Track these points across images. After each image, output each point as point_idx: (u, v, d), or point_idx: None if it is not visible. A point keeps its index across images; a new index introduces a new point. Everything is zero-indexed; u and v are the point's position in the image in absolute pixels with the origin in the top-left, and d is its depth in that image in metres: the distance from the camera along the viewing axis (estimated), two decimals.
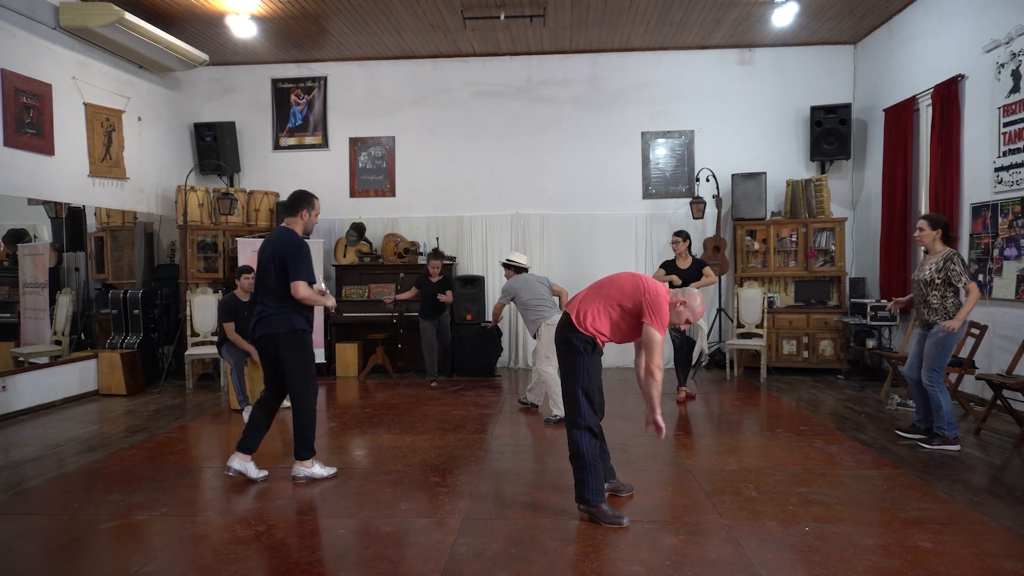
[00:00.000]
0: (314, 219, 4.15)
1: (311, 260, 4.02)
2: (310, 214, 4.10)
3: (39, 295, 6.39)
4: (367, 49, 8.33)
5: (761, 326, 7.56)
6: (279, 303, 3.92)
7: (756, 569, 2.84)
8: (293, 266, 3.86)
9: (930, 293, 4.58)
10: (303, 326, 4.00)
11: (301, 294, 3.88)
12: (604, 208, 8.48)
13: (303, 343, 4.01)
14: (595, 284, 3.60)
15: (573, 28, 7.72)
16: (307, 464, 4.07)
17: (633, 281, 3.43)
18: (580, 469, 3.39)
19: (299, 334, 3.98)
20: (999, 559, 2.90)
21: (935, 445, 4.54)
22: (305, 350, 4.03)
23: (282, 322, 3.92)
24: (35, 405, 6.10)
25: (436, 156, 8.71)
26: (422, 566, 2.91)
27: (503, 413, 5.91)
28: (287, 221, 4.10)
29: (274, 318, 3.92)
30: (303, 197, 4.11)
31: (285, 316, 3.92)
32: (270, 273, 3.91)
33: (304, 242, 4.01)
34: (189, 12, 7.02)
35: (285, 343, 3.94)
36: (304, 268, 3.91)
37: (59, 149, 6.35)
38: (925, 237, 4.67)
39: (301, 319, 3.99)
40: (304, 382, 4.03)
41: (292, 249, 3.88)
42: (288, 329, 3.93)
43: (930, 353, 4.58)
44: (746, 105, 8.38)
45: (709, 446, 4.79)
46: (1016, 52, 5.42)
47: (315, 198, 4.16)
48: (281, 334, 3.92)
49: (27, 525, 3.47)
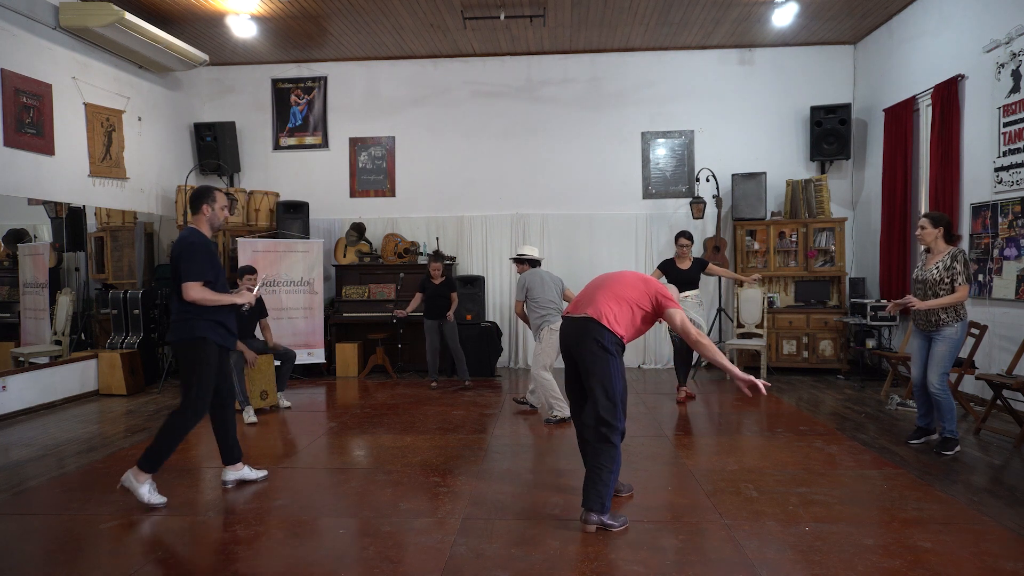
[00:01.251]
0: (220, 212, 3.85)
1: (209, 258, 3.73)
2: (213, 208, 3.82)
3: (39, 295, 6.39)
4: (367, 49, 8.33)
5: (761, 326, 7.56)
6: (181, 309, 3.69)
7: (756, 569, 2.84)
8: (184, 267, 3.63)
9: (940, 293, 4.48)
10: (201, 333, 3.68)
11: (192, 296, 3.62)
12: (604, 208, 8.48)
13: (199, 351, 3.67)
14: (600, 284, 3.51)
15: (573, 28, 7.72)
16: (141, 478, 3.63)
17: (643, 282, 3.46)
18: (609, 474, 3.22)
19: (197, 343, 3.67)
20: (999, 559, 2.90)
21: (953, 450, 4.46)
22: (200, 360, 3.67)
23: (184, 330, 3.67)
24: (35, 405, 6.10)
25: (436, 156, 8.71)
26: (422, 566, 2.91)
27: (503, 413, 5.91)
28: (191, 220, 3.86)
29: (176, 325, 3.70)
30: (201, 192, 3.83)
31: (184, 323, 3.68)
32: (174, 278, 3.70)
33: (199, 240, 3.73)
34: (189, 12, 7.02)
35: (182, 352, 3.69)
36: (197, 267, 3.64)
37: (59, 149, 6.35)
38: (927, 236, 4.59)
39: (201, 325, 3.68)
40: (193, 395, 3.66)
41: (184, 249, 3.65)
42: (184, 337, 3.67)
43: (942, 357, 4.49)
44: (746, 105, 8.38)
45: (709, 446, 4.79)
46: (1016, 52, 5.42)
47: (216, 190, 3.87)
48: (178, 342, 3.69)
49: (27, 525, 3.47)
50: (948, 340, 4.48)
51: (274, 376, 6.08)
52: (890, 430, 5.12)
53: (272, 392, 6.07)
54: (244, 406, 5.68)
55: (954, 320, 4.47)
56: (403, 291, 7.94)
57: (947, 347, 4.48)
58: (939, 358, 4.51)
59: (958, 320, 4.47)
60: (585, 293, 3.54)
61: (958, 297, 4.40)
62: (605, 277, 3.60)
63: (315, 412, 6.13)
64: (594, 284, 3.57)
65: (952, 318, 4.47)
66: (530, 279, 5.65)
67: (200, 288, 3.65)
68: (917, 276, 4.68)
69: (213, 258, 3.77)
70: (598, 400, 3.27)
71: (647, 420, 5.48)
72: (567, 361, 3.52)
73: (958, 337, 4.48)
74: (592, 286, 3.56)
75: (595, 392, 3.28)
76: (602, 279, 3.58)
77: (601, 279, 3.59)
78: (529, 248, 6.03)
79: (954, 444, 4.48)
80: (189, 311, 3.68)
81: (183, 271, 3.64)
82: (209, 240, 3.82)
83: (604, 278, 3.58)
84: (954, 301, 4.41)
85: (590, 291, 3.51)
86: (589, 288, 3.56)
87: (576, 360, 3.40)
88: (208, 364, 3.70)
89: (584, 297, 3.50)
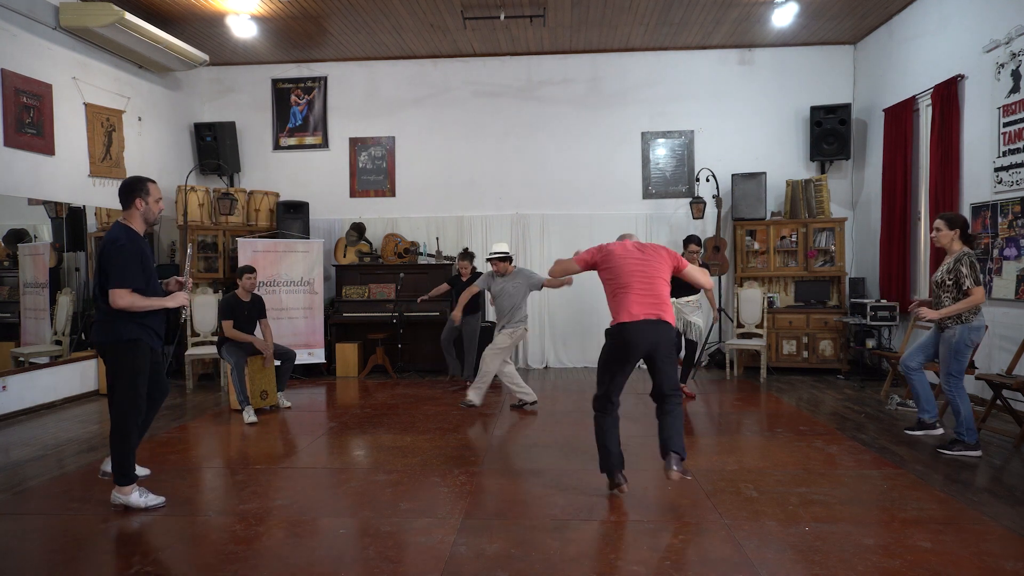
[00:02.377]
0: (155, 205, 3.61)
1: (139, 261, 3.50)
2: (146, 201, 3.57)
3: (39, 295, 6.39)
4: (367, 49, 8.33)
5: (761, 326, 7.56)
6: (105, 309, 3.49)
7: (756, 569, 2.84)
8: (111, 268, 3.41)
9: (943, 295, 4.44)
10: (132, 335, 3.51)
11: (120, 304, 3.40)
12: (604, 208, 8.48)
13: (129, 354, 3.52)
14: (653, 276, 3.68)
15: (573, 28, 7.72)
16: (124, 491, 3.57)
17: (667, 253, 3.81)
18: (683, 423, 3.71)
19: (124, 345, 3.51)
20: (999, 559, 2.90)
21: (956, 451, 4.39)
22: (131, 363, 3.52)
23: (107, 331, 3.50)
24: (35, 405, 6.10)
25: (436, 156, 8.71)
26: (422, 566, 2.91)
27: (503, 413, 5.91)
28: (123, 216, 3.60)
29: (101, 325, 3.53)
30: (133, 184, 3.57)
31: (111, 324, 3.49)
32: (98, 277, 3.51)
33: (127, 240, 3.49)
34: (189, 12, 7.02)
35: (108, 354, 3.53)
36: (126, 272, 3.42)
37: (59, 149, 6.35)
38: (943, 237, 4.48)
39: (131, 327, 3.51)
40: (123, 398, 3.53)
41: (110, 251, 3.43)
42: (113, 339, 3.50)
43: (947, 358, 4.45)
44: (746, 105, 8.38)
45: (709, 446, 4.79)
46: (1016, 52, 5.42)
47: (148, 181, 3.61)
48: (106, 344, 3.51)
49: (27, 525, 3.47)
50: (947, 342, 4.44)
51: (274, 376, 6.08)
52: (890, 430, 5.12)
53: (272, 392, 6.07)
54: (244, 406, 5.68)
55: (955, 322, 4.41)
56: (403, 291, 7.94)
57: (947, 349, 4.44)
58: (942, 360, 4.49)
59: (959, 323, 4.39)
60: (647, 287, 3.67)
61: (973, 301, 4.30)
62: (635, 265, 3.70)
63: (315, 412, 6.13)
64: (647, 275, 3.69)
65: (953, 320, 4.41)
66: (515, 283, 5.94)
67: (128, 295, 3.43)
68: (932, 278, 4.65)
69: (144, 260, 3.54)
70: (671, 373, 3.68)
71: (647, 420, 5.47)
72: (632, 358, 3.67)
73: (958, 339, 4.39)
74: (647, 278, 3.68)
75: (669, 368, 3.67)
76: (649, 270, 3.70)
77: (648, 269, 3.70)
78: (500, 245, 6.12)
79: (960, 446, 4.38)
80: (114, 313, 3.48)
81: (110, 276, 3.42)
82: (140, 237, 3.59)
83: (649, 268, 3.71)
84: (969, 306, 4.32)
85: (650, 284, 3.68)
86: (646, 280, 3.68)
87: (652, 355, 3.65)
88: (141, 366, 3.56)
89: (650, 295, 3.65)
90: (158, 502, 3.64)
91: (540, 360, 8.48)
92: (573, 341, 8.48)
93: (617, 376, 3.71)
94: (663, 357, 3.66)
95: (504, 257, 5.99)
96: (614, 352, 3.67)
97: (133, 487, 3.60)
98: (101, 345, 3.56)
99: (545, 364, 8.46)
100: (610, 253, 3.79)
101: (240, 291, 5.93)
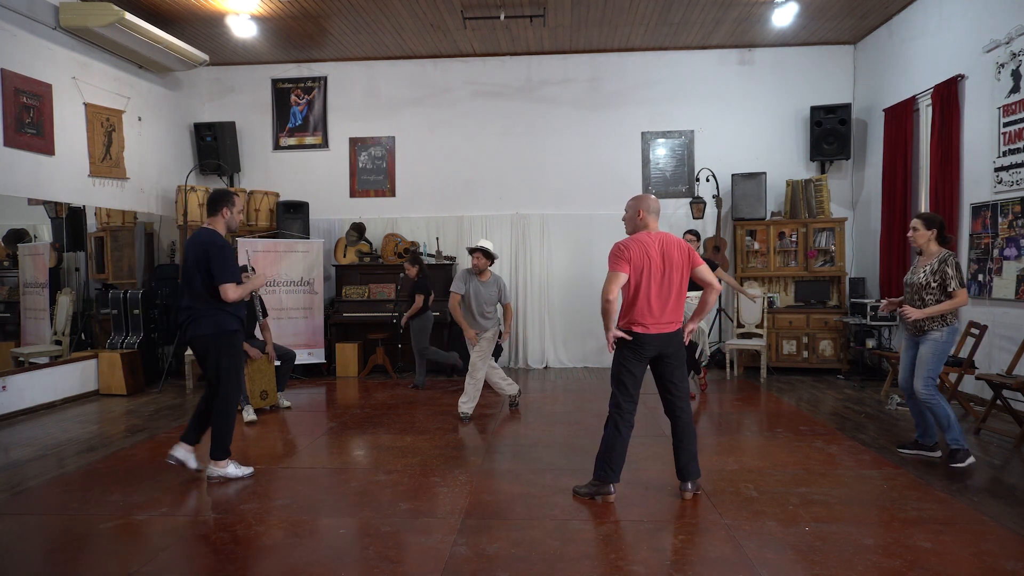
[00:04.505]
0: (236, 216, 4.13)
1: (234, 257, 4.09)
2: (231, 211, 4.09)
3: (39, 295, 6.39)
4: (367, 49, 8.33)
5: (761, 326, 7.56)
6: (207, 305, 3.93)
7: (756, 569, 2.84)
8: (218, 268, 3.86)
9: (926, 297, 4.29)
10: (234, 327, 4.03)
11: (231, 296, 3.90)
12: (604, 208, 8.47)
13: (231, 345, 4.03)
14: (667, 283, 3.62)
15: (573, 28, 7.72)
16: (222, 464, 4.08)
17: (688, 253, 3.72)
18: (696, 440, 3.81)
19: (229, 336, 4.01)
20: (999, 559, 2.90)
21: (963, 462, 4.16)
22: (234, 352, 4.06)
23: (211, 324, 3.94)
24: (35, 405, 6.10)
25: (436, 156, 8.71)
26: (422, 566, 2.91)
27: (503, 413, 5.92)
28: (208, 221, 4.09)
29: (204, 320, 3.93)
30: (222, 195, 4.09)
31: (215, 318, 3.94)
32: (196, 277, 3.90)
33: (226, 242, 4.02)
34: (189, 12, 7.02)
35: (214, 345, 3.97)
36: (229, 269, 3.91)
37: (59, 149, 6.35)
38: (920, 237, 4.37)
39: (232, 320, 4.02)
40: (230, 385, 4.03)
41: (215, 251, 3.87)
42: (217, 331, 3.95)
43: (927, 361, 4.29)
44: (746, 105, 8.38)
45: (709, 446, 4.79)
46: (1016, 52, 5.42)
47: (235, 195, 4.13)
48: (209, 336, 3.95)
49: (27, 525, 3.47)
50: (933, 344, 4.27)
51: (274, 376, 6.08)
52: (890, 430, 5.12)
53: (272, 392, 6.07)
54: (244, 405, 5.68)
55: (940, 325, 4.26)
56: (403, 291, 7.93)
57: (932, 351, 4.27)
58: (923, 362, 4.30)
59: (945, 325, 4.26)
60: (672, 299, 3.66)
61: (957, 303, 4.19)
62: (674, 273, 3.65)
63: (315, 412, 6.13)
64: (673, 284, 3.65)
65: (939, 323, 4.27)
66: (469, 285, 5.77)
67: (235, 288, 3.92)
68: (907, 279, 4.48)
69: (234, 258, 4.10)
70: (682, 380, 3.76)
71: (647, 420, 5.47)
72: (647, 363, 3.72)
73: (944, 341, 4.27)
74: (673, 287, 3.65)
75: (681, 376, 3.75)
76: (675, 278, 3.66)
77: (673, 277, 3.66)
78: (484, 241, 5.89)
79: (964, 455, 4.18)
80: (216, 307, 3.93)
81: (219, 274, 3.85)
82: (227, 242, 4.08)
83: (676, 276, 3.66)
84: (953, 307, 4.20)
85: (673, 293, 3.66)
86: (666, 290, 3.64)
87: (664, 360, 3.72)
88: (239, 354, 4.13)
89: (671, 302, 3.66)
90: (249, 472, 4.15)
91: (540, 360, 8.48)
92: (573, 341, 8.49)
93: (638, 382, 3.78)
94: (680, 357, 3.75)
95: (486, 253, 5.69)
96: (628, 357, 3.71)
97: (228, 460, 4.09)
98: (206, 338, 3.95)
99: (545, 364, 8.46)
100: (634, 261, 3.64)
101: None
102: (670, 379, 3.73)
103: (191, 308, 3.96)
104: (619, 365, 3.71)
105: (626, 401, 3.68)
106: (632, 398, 3.70)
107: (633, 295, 3.63)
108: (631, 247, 3.66)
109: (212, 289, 3.89)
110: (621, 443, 3.67)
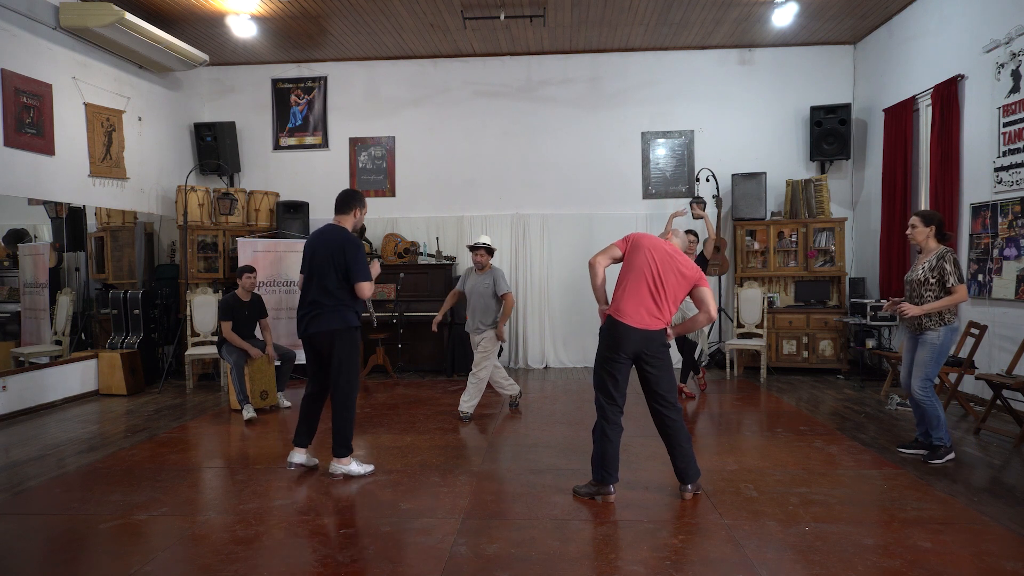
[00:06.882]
0: (362, 217, 4.35)
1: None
2: (361, 213, 4.29)
3: (39, 295, 6.39)
4: (367, 49, 8.33)
5: (761, 326, 7.56)
6: (336, 301, 4.04)
7: (756, 569, 2.85)
8: (358, 266, 4.01)
9: (924, 294, 4.29)
10: (357, 323, 4.16)
11: (367, 293, 4.06)
12: (604, 208, 8.48)
13: (355, 340, 4.14)
14: (660, 283, 3.62)
15: (573, 28, 7.72)
16: (344, 462, 4.13)
17: (697, 273, 3.72)
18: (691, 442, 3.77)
19: (353, 331, 4.12)
20: (999, 559, 2.90)
21: (943, 459, 4.28)
22: (356, 347, 4.16)
23: (339, 319, 4.04)
24: (35, 405, 6.10)
25: (436, 156, 8.71)
26: (422, 566, 2.91)
27: (503, 413, 5.92)
28: (338, 219, 4.21)
29: (331, 315, 4.03)
30: (356, 196, 4.27)
31: (341, 313, 4.05)
32: (329, 272, 4.01)
33: (359, 241, 4.19)
34: (189, 12, 7.02)
35: (340, 339, 4.04)
36: (367, 267, 4.08)
37: (59, 149, 6.35)
38: (918, 234, 4.38)
39: (355, 317, 4.14)
40: (351, 379, 4.11)
41: (353, 250, 4.01)
42: (344, 326, 4.06)
43: (925, 361, 4.29)
44: (746, 105, 8.38)
45: (709, 446, 4.79)
46: (1016, 52, 5.42)
47: (365, 197, 4.36)
48: (337, 330, 4.04)
49: (27, 525, 3.47)
50: (929, 345, 4.27)
51: (274, 376, 6.08)
52: (890, 430, 5.13)
53: (272, 392, 6.07)
54: (244, 405, 5.68)
55: (938, 324, 4.26)
56: (403, 291, 7.95)
57: (928, 352, 4.27)
58: (920, 363, 4.31)
59: (942, 324, 4.25)
60: (659, 297, 3.68)
61: (956, 299, 4.18)
62: (646, 269, 3.67)
63: None
64: (645, 282, 3.66)
65: (936, 322, 4.26)
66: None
67: (371, 285, 4.10)
68: (907, 277, 4.48)
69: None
70: (669, 390, 3.73)
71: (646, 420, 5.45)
72: (628, 363, 3.69)
73: (941, 342, 4.26)
74: (645, 284, 3.66)
75: (667, 386, 3.71)
76: (642, 271, 3.68)
77: (641, 271, 3.67)
78: (483, 237, 5.83)
79: (944, 452, 4.28)
80: (344, 303, 4.06)
81: (359, 272, 4.01)
82: None
83: (646, 270, 3.67)
84: (953, 303, 4.19)
85: (666, 300, 3.68)
86: (646, 287, 3.66)
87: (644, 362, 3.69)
88: (358, 348, 4.21)
89: (657, 303, 3.66)
90: (371, 469, 4.20)
91: (540, 360, 8.48)
92: (573, 341, 8.49)
93: (624, 383, 3.75)
94: (662, 362, 3.69)
95: (489, 249, 5.69)
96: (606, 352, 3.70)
97: (351, 457, 4.14)
98: (333, 332, 4.04)
99: (545, 364, 8.46)
100: (638, 248, 3.72)
101: (240, 291, 5.94)
102: (655, 388, 3.68)
103: (318, 303, 4.04)
104: (599, 366, 3.72)
105: (610, 405, 3.68)
106: (615, 401, 3.68)
107: (623, 283, 3.71)
108: (643, 237, 3.79)
109: (344, 286, 4.02)
110: (612, 447, 3.66)
